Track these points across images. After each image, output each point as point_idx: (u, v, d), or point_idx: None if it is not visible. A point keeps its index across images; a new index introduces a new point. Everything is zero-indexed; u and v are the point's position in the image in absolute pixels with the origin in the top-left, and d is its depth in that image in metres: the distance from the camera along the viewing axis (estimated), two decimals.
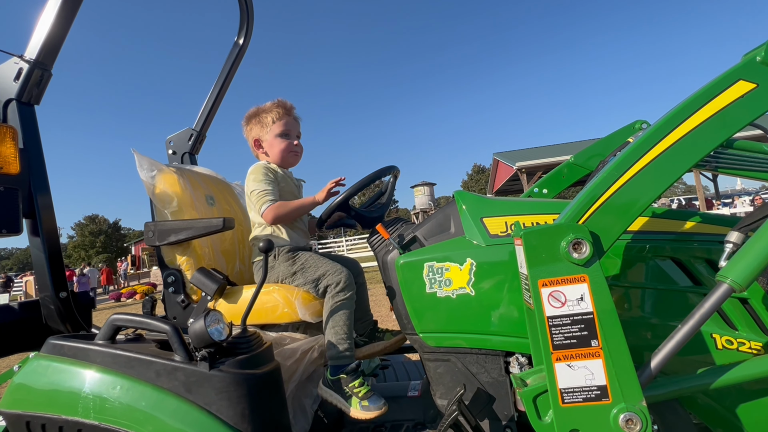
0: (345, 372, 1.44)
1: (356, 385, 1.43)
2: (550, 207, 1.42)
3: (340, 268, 1.55)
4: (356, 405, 1.41)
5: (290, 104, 1.81)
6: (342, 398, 1.43)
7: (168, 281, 1.57)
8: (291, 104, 1.81)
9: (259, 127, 1.77)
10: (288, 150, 1.77)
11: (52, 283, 1.43)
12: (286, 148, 1.75)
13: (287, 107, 1.79)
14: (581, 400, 0.89)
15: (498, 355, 1.41)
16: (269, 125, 1.75)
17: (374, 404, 1.41)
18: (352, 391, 1.43)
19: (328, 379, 1.47)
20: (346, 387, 1.44)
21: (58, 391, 1.20)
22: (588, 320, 0.89)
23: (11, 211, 1.34)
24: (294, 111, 1.81)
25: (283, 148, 1.75)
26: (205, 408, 1.13)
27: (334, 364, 1.46)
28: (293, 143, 1.78)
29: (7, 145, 1.36)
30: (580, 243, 0.90)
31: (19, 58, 1.44)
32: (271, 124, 1.75)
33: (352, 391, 1.43)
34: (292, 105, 1.81)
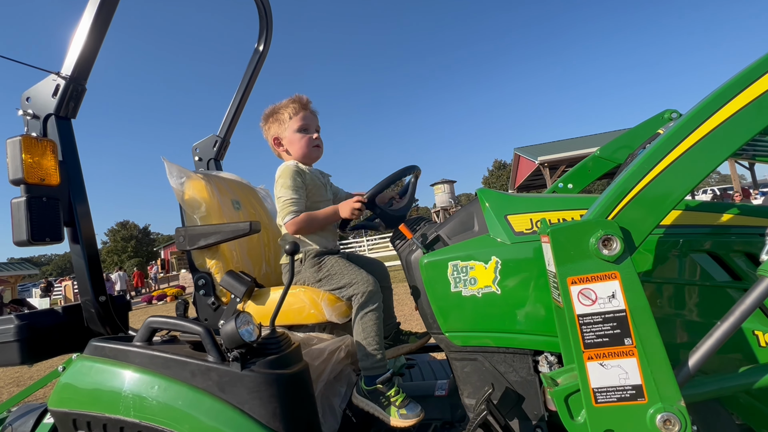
0: (380, 382, 1.45)
1: (392, 393, 1.44)
2: (576, 202, 1.39)
3: (366, 277, 1.54)
4: (395, 414, 1.42)
5: (306, 98, 1.77)
6: (379, 407, 1.45)
7: (199, 284, 1.62)
8: (307, 98, 1.78)
9: (277, 125, 1.75)
10: (309, 144, 1.73)
11: (92, 287, 1.50)
12: (307, 143, 1.73)
13: (303, 101, 1.75)
14: (615, 400, 0.87)
15: (526, 354, 1.39)
16: (287, 121, 1.73)
17: (412, 412, 1.42)
18: (389, 400, 1.44)
19: (363, 389, 1.48)
20: (382, 396, 1.45)
21: (101, 391, 1.26)
22: (620, 318, 0.87)
23: (53, 220, 1.42)
24: (310, 105, 1.78)
25: (304, 143, 1.72)
26: (238, 407, 1.16)
27: (368, 374, 1.47)
28: (313, 137, 1.74)
29: (48, 158, 1.43)
30: (611, 239, 0.88)
31: (56, 75, 1.52)
32: (288, 120, 1.73)
33: (389, 400, 1.44)
34: (308, 99, 1.78)
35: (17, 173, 1.35)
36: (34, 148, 1.39)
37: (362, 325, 1.49)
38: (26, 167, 1.36)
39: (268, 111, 1.80)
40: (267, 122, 1.80)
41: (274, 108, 1.79)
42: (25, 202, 1.34)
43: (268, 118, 1.79)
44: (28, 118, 1.52)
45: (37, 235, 1.35)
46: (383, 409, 1.44)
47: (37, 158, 1.40)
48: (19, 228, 1.33)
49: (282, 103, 1.78)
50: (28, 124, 1.52)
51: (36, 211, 1.36)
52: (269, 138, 1.80)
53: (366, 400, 1.47)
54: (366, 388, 1.47)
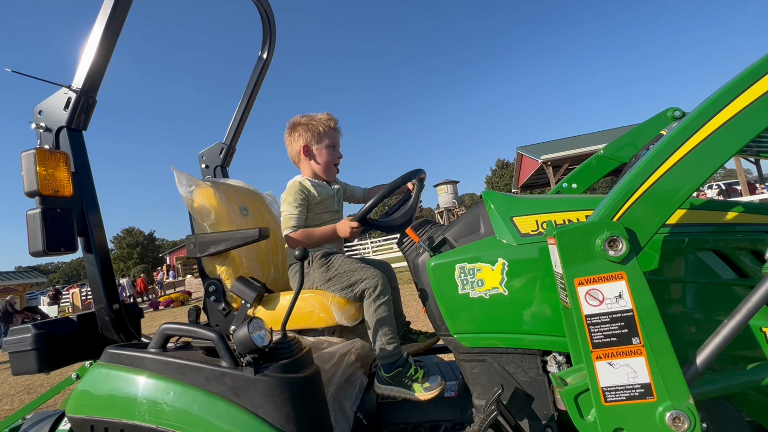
0: (398, 366, 1.53)
1: (412, 372, 1.52)
2: (582, 203, 1.40)
3: (375, 272, 1.60)
4: (419, 390, 1.49)
5: (336, 119, 1.86)
6: (405, 389, 1.51)
7: (209, 290, 1.65)
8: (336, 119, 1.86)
9: (311, 135, 1.79)
10: (333, 162, 1.84)
11: (105, 295, 1.53)
12: (332, 160, 1.83)
13: (335, 121, 1.83)
14: (624, 399, 0.88)
15: (535, 354, 1.40)
16: (321, 134, 1.79)
17: (434, 383, 1.51)
18: (411, 379, 1.51)
19: (385, 377, 1.54)
20: (404, 377, 1.52)
21: (117, 397, 1.29)
22: (628, 318, 0.88)
23: (68, 231, 1.45)
24: (337, 125, 1.86)
25: (330, 159, 1.82)
26: (252, 411, 1.18)
27: (386, 362, 1.54)
28: (338, 157, 1.85)
29: (61, 170, 1.47)
30: (616, 240, 0.89)
31: (68, 88, 1.55)
32: (323, 133, 1.80)
33: (411, 378, 1.51)
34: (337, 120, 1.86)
35: (32, 185, 1.38)
36: (47, 160, 1.42)
37: (376, 317, 1.54)
38: (41, 179, 1.39)
39: (303, 119, 1.83)
40: (297, 129, 1.82)
41: (310, 118, 1.82)
42: (40, 214, 1.37)
43: (299, 126, 1.82)
44: (41, 131, 1.55)
45: (53, 245, 1.37)
46: (408, 389, 1.50)
47: (51, 170, 1.44)
48: (35, 239, 1.36)
49: (318, 116, 1.83)
50: (41, 137, 1.55)
51: (51, 222, 1.39)
52: (296, 145, 1.82)
53: (390, 387, 1.53)
54: (386, 375, 1.53)
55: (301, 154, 1.82)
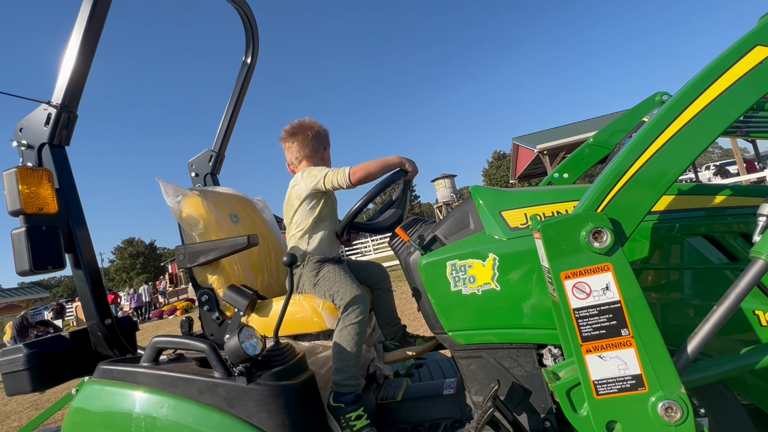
0: (344, 402, 1.42)
1: (353, 417, 1.39)
2: (569, 194, 1.39)
3: (355, 289, 1.54)
4: None
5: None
6: (338, 427, 1.39)
7: (202, 300, 1.64)
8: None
9: (319, 142, 1.84)
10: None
11: (97, 311, 1.52)
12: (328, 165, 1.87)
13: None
14: (616, 391, 0.87)
15: (530, 348, 1.40)
16: (325, 143, 1.87)
17: None
18: (348, 423, 1.38)
19: (330, 404, 1.44)
20: (342, 417, 1.40)
21: (112, 413, 1.28)
22: (616, 309, 0.87)
23: (54, 248, 1.44)
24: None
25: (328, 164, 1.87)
26: (247, 421, 1.18)
27: (337, 389, 1.45)
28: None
29: (44, 187, 1.45)
30: (601, 231, 0.88)
31: (47, 104, 1.53)
32: (328, 143, 1.89)
33: (348, 423, 1.38)
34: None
35: (15, 204, 1.37)
36: (30, 178, 1.41)
37: (341, 338, 1.47)
38: (24, 198, 1.38)
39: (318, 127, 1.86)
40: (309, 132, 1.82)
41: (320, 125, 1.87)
42: (25, 233, 1.36)
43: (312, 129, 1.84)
44: (23, 149, 1.54)
45: (39, 263, 1.36)
46: (341, 431, 1.38)
47: (34, 188, 1.42)
48: (21, 258, 1.35)
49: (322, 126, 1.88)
50: (23, 155, 1.54)
51: (36, 240, 1.38)
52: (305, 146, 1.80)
53: (329, 415, 1.41)
54: (332, 404, 1.43)
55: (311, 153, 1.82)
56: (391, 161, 1.66)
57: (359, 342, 1.49)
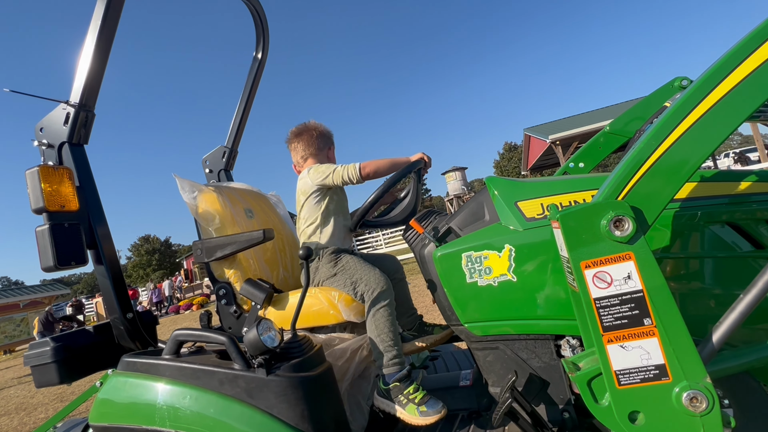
0: (397, 379, 1.45)
1: (411, 391, 1.42)
2: (587, 183, 1.37)
3: (377, 274, 1.56)
4: (414, 411, 1.40)
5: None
6: (399, 406, 1.43)
7: (220, 294, 1.66)
8: None
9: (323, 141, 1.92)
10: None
11: (119, 305, 1.56)
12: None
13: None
14: (639, 381, 0.86)
15: (548, 339, 1.39)
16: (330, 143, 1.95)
17: (432, 408, 1.40)
18: (407, 398, 1.42)
19: (381, 389, 1.48)
20: (401, 394, 1.43)
21: (136, 404, 1.32)
22: (638, 299, 0.86)
23: (77, 245, 1.47)
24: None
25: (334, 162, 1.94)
26: (267, 411, 1.20)
27: (385, 372, 1.47)
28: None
29: (65, 185, 1.49)
30: (622, 220, 0.86)
31: (66, 103, 1.56)
32: (332, 143, 1.97)
33: (408, 398, 1.42)
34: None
35: (38, 202, 1.40)
36: (51, 176, 1.44)
37: (375, 322, 1.50)
38: (46, 196, 1.41)
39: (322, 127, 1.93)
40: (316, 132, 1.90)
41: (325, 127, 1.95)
42: (48, 230, 1.39)
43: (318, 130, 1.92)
44: (44, 148, 1.57)
45: (63, 259, 1.40)
46: (403, 408, 1.42)
47: (56, 186, 1.46)
48: (45, 254, 1.39)
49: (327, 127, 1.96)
50: (44, 154, 1.57)
51: (59, 237, 1.41)
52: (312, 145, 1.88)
53: (385, 401, 1.46)
54: (383, 387, 1.47)
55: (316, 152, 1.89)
56: (400, 161, 1.73)
57: (393, 322, 1.51)
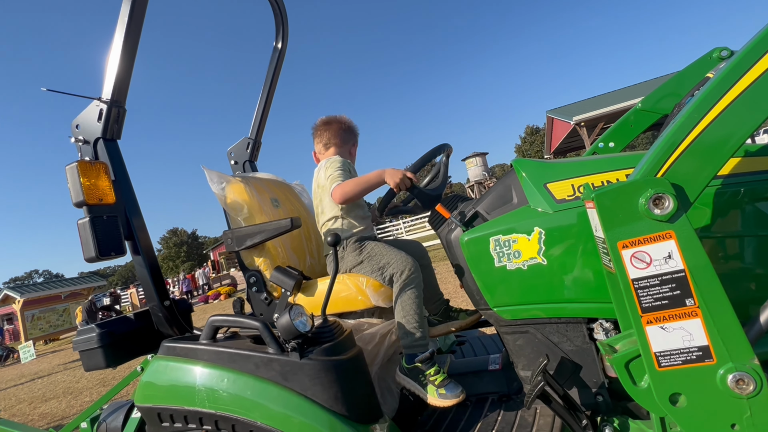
0: (420, 360, 1.47)
1: (432, 373, 1.45)
2: (619, 162, 1.32)
3: (405, 256, 1.57)
4: (433, 393, 1.43)
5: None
6: (419, 386, 1.46)
7: (251, 282, 1.71)
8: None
9: (349, 135, 1.95)
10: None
11: (156, 293, 1.62)
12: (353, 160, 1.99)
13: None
14: (680, 363, 0.84)
15: (580, 323, 1.36)
16: (354, 139, 1.98)
17: (451, 392, 1.43)
18: (428, 380, 1.45)
19: (404, 367, 1.50)
20: (422, 375, 1.46)
21: (177, 386, 1.38)
22: (679, 279, 0.83)
23: (115, 236, 1.54)
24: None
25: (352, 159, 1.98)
26: (301, 393, 1.23)
27: (408, 352, 1.49)
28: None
29: (102, 179, 1.55)
30: (662, 197, 0.83)
31: (98, 100, 1.62)
32: (355, 138, 1.99)
33: (428, 379, 1.44)
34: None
35: (78, 196, 1.46)
36: (89, 171, 1.50)
37: (401, 304, 1.51)
38: (85, 190, 1.48)
39: (350, 123, 1.97)
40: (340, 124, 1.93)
41: (350, 122, 1.98)
42: (89, 222, 1.46)
43: (342, 123, 1.94)
44: (80, 144, 1.63)
45: (104, 250, 1.47)
46: (423, 387, 1.44)
47: (93, 180, 1.52)
48: (87, 246, 1.46)
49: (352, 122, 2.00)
50: (81, 150, 1.64)
51: (100, 229, 1.48)
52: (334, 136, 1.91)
53: (407, 379, 1.48)
54: (406, 366, 1.49)
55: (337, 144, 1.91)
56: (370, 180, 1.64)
57: (420, 303, 1.52)
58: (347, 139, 1.93)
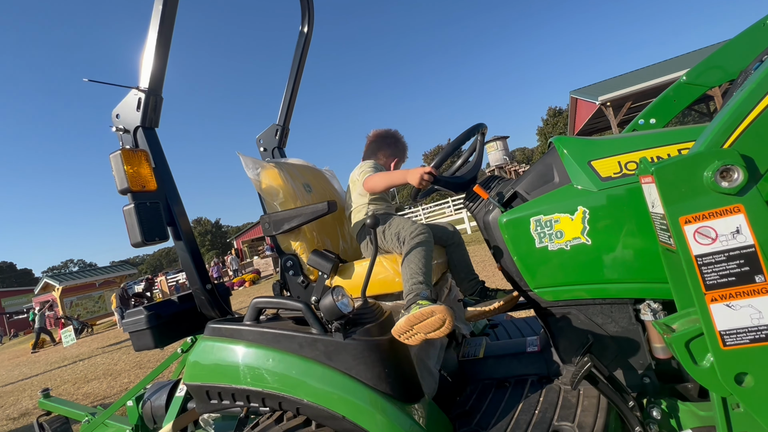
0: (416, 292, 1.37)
1: (421, 302, 1.33)
2: (669, 137, 1.26)
3: (419, 224, 1.60)
4: (415, 309, 1.30)
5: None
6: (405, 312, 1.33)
7: (287, 265, 1.74)
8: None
9: (393, 150, 2.01)
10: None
11: (199, 277, 1.67)
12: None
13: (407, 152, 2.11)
14: (748, 342, 0.80)
15: (626, 304, 1.33)
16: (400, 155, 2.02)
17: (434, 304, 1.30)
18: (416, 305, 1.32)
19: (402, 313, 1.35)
20: (413, 304, 1.33)
21: (223, 365, 1.43)
22: (749, 254, 0.79)
23: (158, 222, 1.58)
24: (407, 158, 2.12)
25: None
26: (345, 372, 1.25)
27: (408, 297, 1.39)
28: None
29: (143, 166, 1.59)
30: (730, 169, 0.79)
31: (137, 89, 1.65)
32: (400, 155, 2.03)
33: (417, 304, 1.32)
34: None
35: (123, 183, 1.51)
36: (132, 159, 1.54)
37: (408, 258, 1.48)
38: (129, 177, 1.52)
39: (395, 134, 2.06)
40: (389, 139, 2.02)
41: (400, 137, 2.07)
42: (134, 208, 1.50)
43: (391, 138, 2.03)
44: (121, 133, 1.68)
45: (149, 235, 1.51)
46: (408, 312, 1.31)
47: (136, 167, 1.56)
48: (133, 231, 1.50)
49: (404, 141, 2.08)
50: (122, 138, 1.68)
51: (144, 215, 1.52)
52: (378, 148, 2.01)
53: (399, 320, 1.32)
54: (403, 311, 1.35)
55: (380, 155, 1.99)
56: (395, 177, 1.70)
57: (428, 263, 1.47)
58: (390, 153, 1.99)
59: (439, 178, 1.60)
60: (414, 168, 1.64)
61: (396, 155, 2.02)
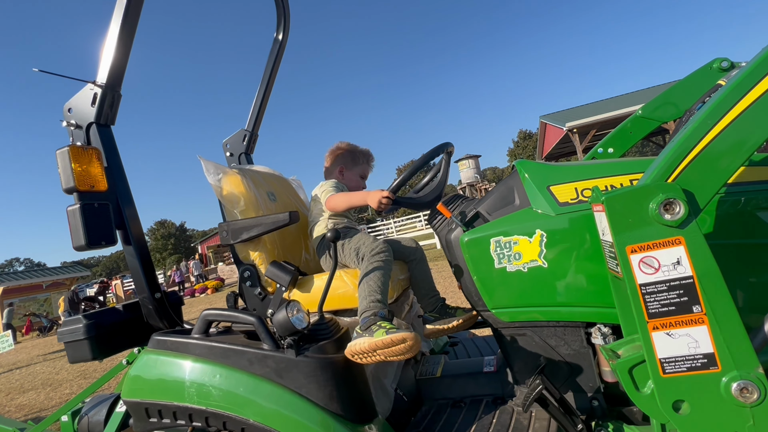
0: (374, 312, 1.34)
1: (384, 324, 1.29)
2: (624, 167, 1.32)
3: (379, 241, 1.59)
4: (382, 334, 1.25)
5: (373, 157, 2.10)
6: (367, 335, 1.27)
7: (245, 276, 1.67)
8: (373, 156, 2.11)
9: (350, 161, 2.00)
10: (358, 188, 2.00)
11: (147, 285, 1.58)
12: (357, 186, 2.00)
13: (371, 157, 2.09)
14: (685, 370, 0.83)
15: (578, 327, 1.36)
16: (357, 164, 2.01)
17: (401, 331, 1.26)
18: (379, 326, 1.28)
19: (357, 331, 1.33)
20: (373, 325, 1.29)
21: (167, 381, 1.34)
22: (687, 285, 0.82)
23: (106, 224, 1.49)
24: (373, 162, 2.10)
25: (356, 186, 1.99)
26: (296, 391, 1.21)
27: (365, 315, 1.35)
28: (362, 186, 2.03)
29: (94, 165, 1.49)
30: (672, 203, 0.83)
31: (93, 83, 1.56)
32: (359, 165, 2.01)
33: (380, 326, 1.28)
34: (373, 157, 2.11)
35: (69, 182, 1.41)
36: (81, 156, 1.45)
37: (366, 276, 1.44)
38: (77, 176, 1.42)
39: (347, 146, 2.04)
40: (341, 152, 2.01)
41: (354, 148, 2.05)
42: (79, 209, 1.40)
43: (344, 150, 2.02)
44: (72, 128, 1.58)
45: (94, 239, 1.41)
46: (371, 335, 1.26)
47: (85, 166, 1.46)
48: (77, 234, 1.40)
49: (360, 148, 2.06)
50: (73, 134, 1.58)
51: (90, 217, 1.43)
52: (336, 161, 2.01)
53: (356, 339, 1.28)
54: (361, 330, 1.31)
55: (336, 172, 1.99)
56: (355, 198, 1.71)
57: (385, 281, 1.45)
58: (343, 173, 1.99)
59: (398, 200, 1.62)
60: (374, 191, 1.66)
61: (356, 168, 2.02)
